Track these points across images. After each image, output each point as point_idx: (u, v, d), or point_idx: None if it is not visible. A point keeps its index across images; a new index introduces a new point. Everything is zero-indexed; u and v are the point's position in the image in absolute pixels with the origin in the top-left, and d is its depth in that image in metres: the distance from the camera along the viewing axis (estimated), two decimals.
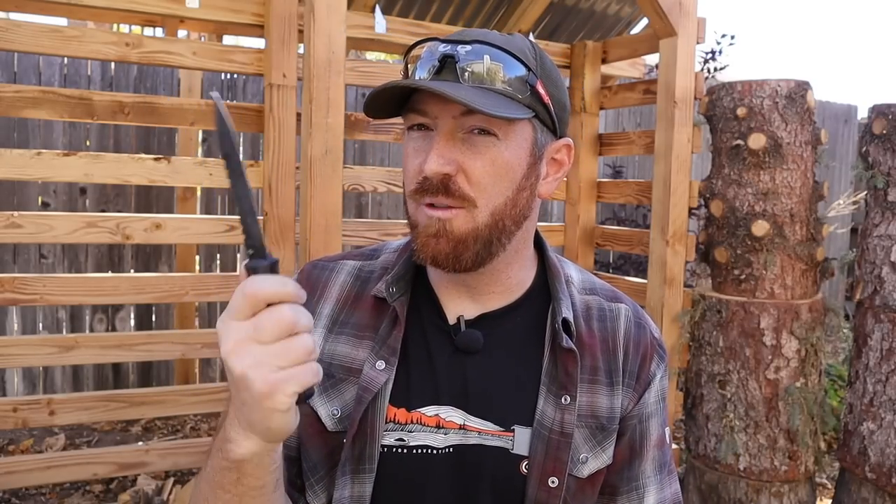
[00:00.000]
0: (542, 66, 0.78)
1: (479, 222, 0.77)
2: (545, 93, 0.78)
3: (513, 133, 0.76)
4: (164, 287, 2.01)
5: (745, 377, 2.38)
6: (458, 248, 0.77)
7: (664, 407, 0.91)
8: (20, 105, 1.83)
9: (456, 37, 0.77)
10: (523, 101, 0.75)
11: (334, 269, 0.91)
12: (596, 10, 3.74)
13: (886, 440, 2.22)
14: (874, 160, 2.33)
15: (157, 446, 2.08)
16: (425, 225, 0.77)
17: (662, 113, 2.48)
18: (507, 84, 0.75)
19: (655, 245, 2.51)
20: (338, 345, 0.85)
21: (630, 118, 5.37)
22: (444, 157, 0.74)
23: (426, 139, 0.77)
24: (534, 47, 0.80)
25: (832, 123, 6.40)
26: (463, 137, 0.75)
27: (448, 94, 0.70)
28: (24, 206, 3.59)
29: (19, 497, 2.81)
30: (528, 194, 0.80)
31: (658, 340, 0.91)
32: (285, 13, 1.97)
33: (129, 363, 3.83)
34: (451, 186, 0.75)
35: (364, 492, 0.80)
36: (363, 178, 2.25)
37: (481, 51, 0.75)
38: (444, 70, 0.75)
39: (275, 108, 1.98)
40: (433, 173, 0.74)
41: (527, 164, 0.78)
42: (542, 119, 0.79)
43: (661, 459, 0.89)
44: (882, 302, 2.28)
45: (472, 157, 0.75)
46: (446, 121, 0.75)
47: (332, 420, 0.83)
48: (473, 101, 0.70)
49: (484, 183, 0.76)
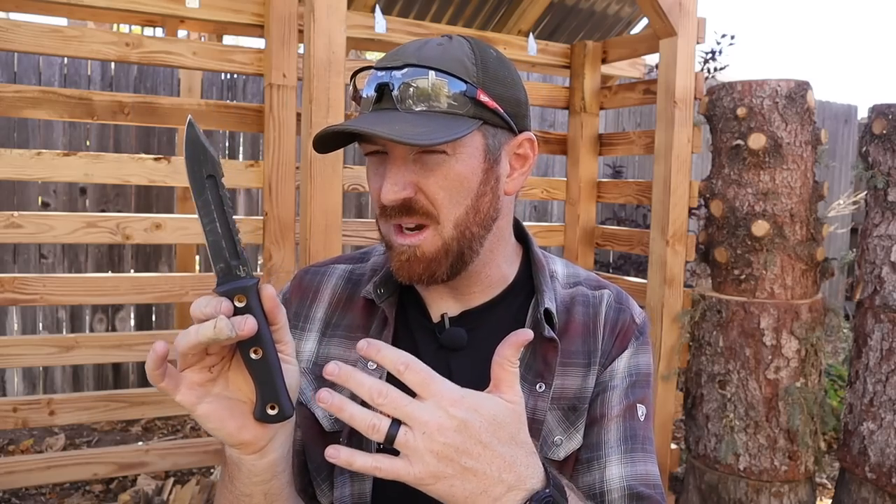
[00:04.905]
0: (484, 70, 0.78)
1: (446, 236, 0.79)
2: (490, 98, 0.78)
3: (461, 146, 0.77)
4: (164, 287, 2.01)
5: (745, 377, 2.38)
6: (430, 267, 0.79)
7: (640, 383, 0.88)
8: (20, 105, 1.83)
9: (389, 62, 0.78)
10: (466, 114, 0.76)
11: (326, 274, 0.94)
12: (596, 10, 3.74)
13: (886, 440, 2.22)
14: (874, 160, 2.33)
15: (157, 446, 2.08)
16: (397, 251, 0.80)
17: (662, 113, 2.48)
18: (446, 96, 0.76)
19: (655, 245, 2.51)
20: (331, 347, 0.88)
21: (630, 118, 5.37)
22: (398, 184, 0.76)
23: (382, 163, 0.80)
24: (473, 50, 0.79)
25: (832, 123, 6.40)
26: (415, 158, 0.77)
27: (384, 136, 0.71)
28: (24, 206, 3.59)
29: (19, 497, 2.81)
30: (491, 198, 0.81)
31: (638, 322, 0.91)
32: (285, 13, 1.97)
33: (129, 363, 3.84)
34: (413, 205, 0.78)
35: (364, 489, 0.83)
36: (363, 178, 2.24)
37: (416, 73, 0.75)
38: (384, 98, 0.77)
39: (275, 108, 1.98)
40: (390, 201, 0.77)
41: (482, 171, 0.80)
42: (492, 123, 0.79)
43: (629, 433, 0.86)
44: (882, 302, 2.28)
45: (426, 175, 0.77)
46: (396, 146, 0.77)
47: (328, 421, 0.86)
48: (410, 135, 0.71)
49: (440, 198, 0.78)
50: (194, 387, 0.63)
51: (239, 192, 4.04)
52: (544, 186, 2.87)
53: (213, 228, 0.62)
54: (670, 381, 2.53)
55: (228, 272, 0.62)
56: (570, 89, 2.86)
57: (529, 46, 2.67)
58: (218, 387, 0.65)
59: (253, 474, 0.68)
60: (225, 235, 0.62)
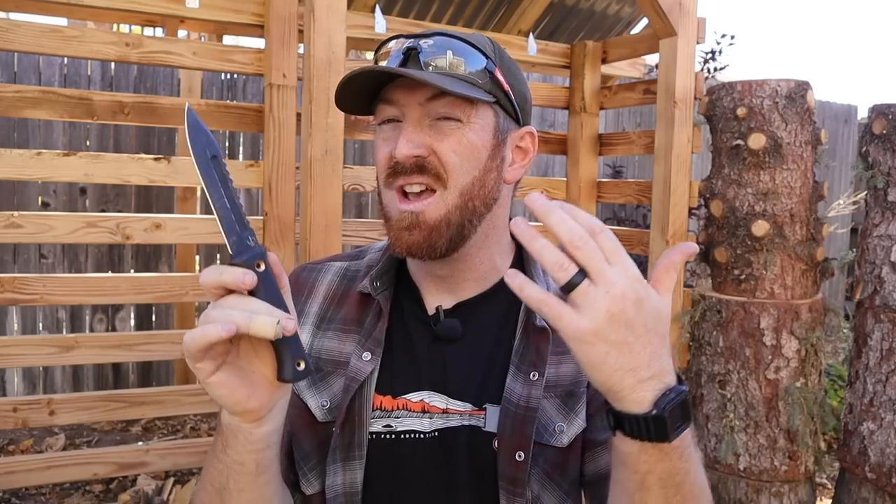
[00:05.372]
0: (501, 59, 0.84)
1: (450, 204, 0.81)
2: (504, 80, 0.83)
3: (476, 117, 0.81)
4: (164, 287, 2.01)
5: (745, 377, 2.38)
6: (431, 236, 0.81)
7: None
8: (20, 105, 1.83)
9: (419, 33, 0.83)
10: (484, 87, 0.81)
11: (322, 271, 0.96)
12: (596, 10, 3.74)
13: (886, 440, 2.22)
14: (874, 160, 2.33)
15: (157, 446, 2.08)
16: (398, 219, 0.82)
17: (662, 113, 2.48)
18: (468, 66, 0.80)
19: (655, 245, 2.51)
20: (325, 340, 0.90)
21: (630, 118, 5.37)
22: (413, 141, 0.79)
23: (395, 129, 0.82)
24: (492, 43, 0.85)
25: (832, 123, 6.40)
26: (430, 124, 0.80)
27: (414, 76, 0.75)
28: (24, 206, 3.59)
29: (19, 497, 2.81)
30: (496, 176, 0.84)
31: None
32: (285, 13, 1.97)
33: (129, 363, 3.84)
34: (426, 165, 0.80)
35: (356, 478, 0.84)
36: (363, 178, 2.24)
37: (443, 43, 0.80)
38: (409, 62, 0.80)
39: (275, 108, 1.98)
40: (404, 157, 0.79)
41: (491, 146, 0.83)
42: (503, 105, 0.84)
43: None
44: (882, 302, 2.28)
45: (440, 139, 0.80)
46: (413, 108, 0.80)
47: (321, 411, 0.87)
48: (438, 82, 0.75)
49: (452, 162, 0.80)
50: (216, 356, 0.63)
51: (239, 192, 4.03)
52: (544, 186, 2.87)
53: (222, 204, 0.65)
54: None
55: (241, 243, 0.65)
56: (570, 89, 2.86)
57: (529, 46, 2.67)
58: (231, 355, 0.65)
59: (249, 442, 0.69)
60: (234, 210, 0.66)
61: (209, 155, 0.66)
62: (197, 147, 0.66)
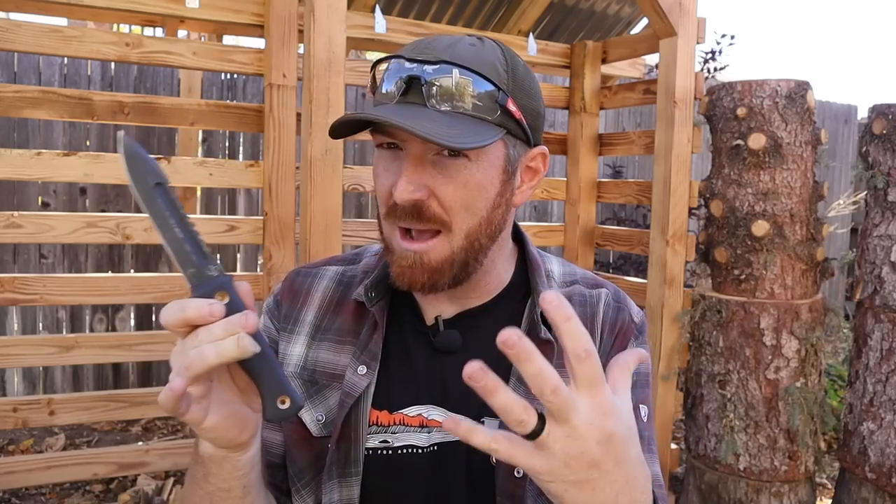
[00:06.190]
0: (513, 77, 0.76)
1: (455, 246, 0.76)
2: (517, 108, 0.76)
3: (484, 154, 0.75)
4: (164, 287, 2.01)
5: (745, 377, 2.38)
6: (433, 276, 0.77)
7: (640, 384, 0.87)
8: (20, 105, 1.83)
9: (419, 55, 0.75)
10: (493, 121, 0.74)
11: (317, 276, 0.92)
12: (596, 10, 3.74)
13: (886, 440, 2.22)
14: (874, 160, 2.33)
15: (157, 446, 2.08)
16: (400, 255, 0.77)
17: (662, 113, 2.48)
18: (476, 99, 0.73)
19: (655, 245, 2.51)
20: (320, 352, 0.86)
21: (630, 118, 5.37)
22: (413, 184, 0.73)
23: (395, 159, 0.77)
24: (505, 56, 0.77)
25: (832, 123, 6.40)
26: (433, 160, 0.74)
27: (414, 131, 0.68)
28: (24, 206, 3.59)
29: (19, 497, 2.81)
30: (504, 210, 0.80)
31: (637, 322, 0.90)
32: (285, 13, 1.97)
33: (129, 363, 3.84)
34: (425, 212, 0.74)
35: (352, 494, 0.82)
36: (363, 178, 2.24)
37: (448, 71, 0.72)
38: (411, 91, 0.73)
39: (275, 108, 1.98)
40: (403, 201, 0.73)
41: (500, 182, 0.77)
42: (514, 133, 0.77)
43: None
44: (882, 302, 2.28)
45: (444, 181, 0.74)
46: (414, 143, 0.73)
47: (316, 426, 0.84)
48: (439, 134, 0.68)
49: (457, 207, 0.75)
50: (200, 401, 0.60)
51: (239, 192, 4.04)
52: (544, 186, 2.87)
53: (172, 236, 0.60)
54: (670, 382, 2.53)
55: (200, 275, 0.60)
56: (570, 89, 2.86)
57: (529, 46, 2.67)
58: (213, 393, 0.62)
59: (236, 469, 0.67)
60: (188, 240, 0.61)
61: (152, 183, 0.61)
62: (136, 176, 0.60)
